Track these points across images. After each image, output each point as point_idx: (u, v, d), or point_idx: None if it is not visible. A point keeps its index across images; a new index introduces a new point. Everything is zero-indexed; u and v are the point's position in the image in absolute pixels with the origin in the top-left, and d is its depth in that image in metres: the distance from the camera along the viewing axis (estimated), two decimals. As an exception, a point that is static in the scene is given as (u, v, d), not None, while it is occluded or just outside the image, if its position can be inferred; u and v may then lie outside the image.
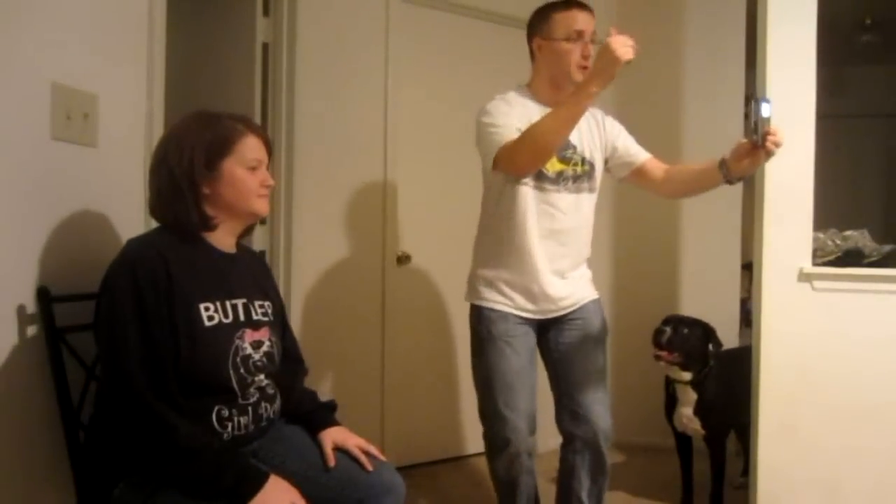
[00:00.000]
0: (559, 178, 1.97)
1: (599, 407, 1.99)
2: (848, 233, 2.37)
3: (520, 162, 1.88)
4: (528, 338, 2.04)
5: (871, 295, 2.21)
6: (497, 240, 2.03)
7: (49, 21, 1.44)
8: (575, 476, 2.01)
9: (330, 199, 2.91)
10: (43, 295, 1.41)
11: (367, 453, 1.52)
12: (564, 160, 1.98)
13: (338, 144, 2.92)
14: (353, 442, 1.53)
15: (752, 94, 1.73)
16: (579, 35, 1.94)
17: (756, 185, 2.30)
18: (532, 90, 2.05)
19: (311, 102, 2.83)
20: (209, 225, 1.43)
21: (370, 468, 1.50)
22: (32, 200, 1.41)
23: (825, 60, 2.37)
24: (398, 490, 1.51)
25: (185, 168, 1.38)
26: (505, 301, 2.01)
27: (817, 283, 2.23)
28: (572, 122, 1.81)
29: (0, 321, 1.35)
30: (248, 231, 1.57)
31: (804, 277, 2.24)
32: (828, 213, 2.40)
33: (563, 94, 1.96)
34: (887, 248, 2.34)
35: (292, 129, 2.79)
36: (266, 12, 2.78)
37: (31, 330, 1.41)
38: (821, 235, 2.34)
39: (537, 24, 2.03)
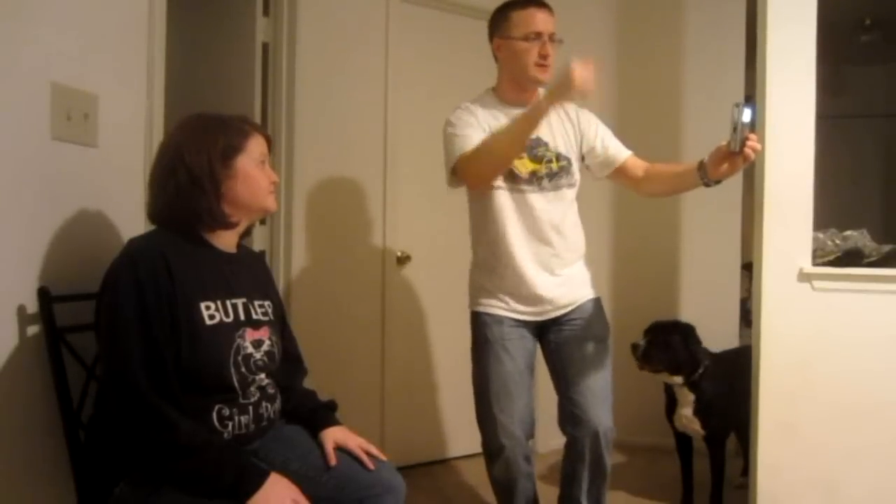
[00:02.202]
0: (533, 178, 1.96)
1: (598, 408, 1.95)
2: (848, 233, 2.37)
3: (477, 172, 1.91)
4: (525, 342, 2.02)
5: (871, 295, 2.21)
6: (484, 247, 2.03)
7: (49, 21, 1.44)
8: (575, 478, 1.99)
9: (330, 199, 2.91)
10: (43, 295, 1.41)
11: (367, 453, 1.52)
12: (536, 159, 1.96)
13: (338, 144, 2.92)
14: (354, 442, 1.53)
15: (744, 100, 1.73)
16: (537, 35, 1.93)
17: (756, 186, 2.30)
18: (498, 93, 2.05)
19: (311, 102, 2.83)
20: (229, 222, 1.45)
21: (372, 466, 1.50)
22: (32, 200, 1.41)
23: (825, 60, 2.37)
24: (398, 489, 1.51)
25: (205, 168, 1.39)
26: (500, 305, 2.00)
27: (817, 283, 2.23)
28: (525, 135, 1.83)
29: (0, 321, 1.35)
30: (248, 232, 1.58)
31: (804, 277, 2.24)
32: (828, 213, 2.39)
33: (527, 94, 1.99)
34: (887, 248, 2.34)
35: (292, 129, 2.79)
36: (266, 12, 2.78)
37: (32, 330, 1.41)
38: (820, 235, 2.33)
39: (496, 24, 2.01)
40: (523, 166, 1.94)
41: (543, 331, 2.06)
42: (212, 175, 1.40)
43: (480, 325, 2.02)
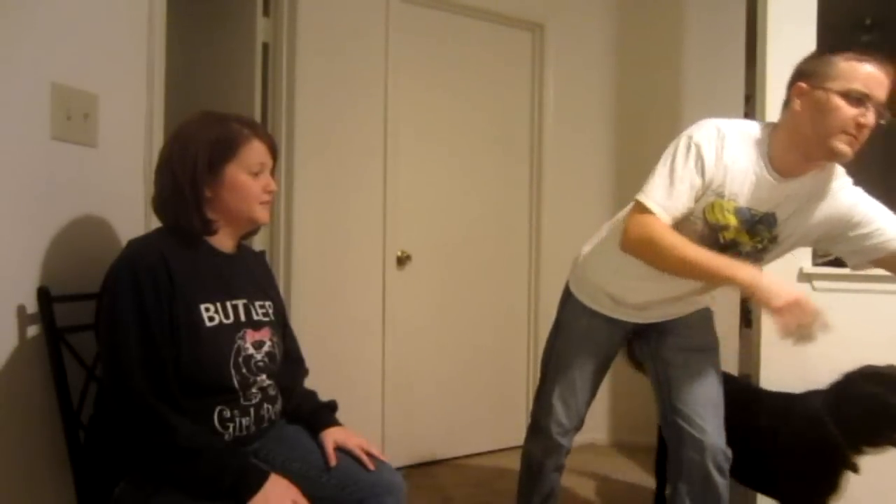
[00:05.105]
0: (729, 246, 1.66)
1: (705, 419, 1.74)
2: (848, 233, 2.36)
3: (635, 252, 1.61)
4: (611, 344, 1.94)
5: (871, 295, 2.21)
6: (621, 257, 1.68)
7: (49, 21, 1.44)
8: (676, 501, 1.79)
9: (330, 199, 2.91)
10: (43, 295, 1.41)
11: (368, 453, 1.52)
12: (752, 233, 1.64)
13: (338, 144, 2.92)
14: (354, 442, 1.53)
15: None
16: (862, 98, 1.48)
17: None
18: (771, 148, 1.60)
19: (311, 103, 2.83)
20: (209, 229, 1.43)
21: (372, 467, 1.50)
22: (32, 200, 1.41)
23: (825, 60, 2.37)
24: (399, 490, 1.51)
25: (187, 170, 1.38)
26: (604, 304, 1.90)
27: (817, 283, 2.23)
28: (703, 279, 1.59)
29: (0, 321, 1.35)
30: (250, 233, 1.57)
31: (804, 277, 2.24)
32: (828, 213, 2.38)
33: (809, 165, 1.58)
34: (887, 248, 2.34)
35: (292, 129, 2.80)
36: (266, 12, 2.78)
37: (32, 330, 1.41)
38: (821, 235, 2.33)
39: (811, 66, 1.57)
40: (732, 232, 1.63)
41: (641, 330, 1.94)
42: (193, 181, 1.38)
43: (573, 308, 1.94)
